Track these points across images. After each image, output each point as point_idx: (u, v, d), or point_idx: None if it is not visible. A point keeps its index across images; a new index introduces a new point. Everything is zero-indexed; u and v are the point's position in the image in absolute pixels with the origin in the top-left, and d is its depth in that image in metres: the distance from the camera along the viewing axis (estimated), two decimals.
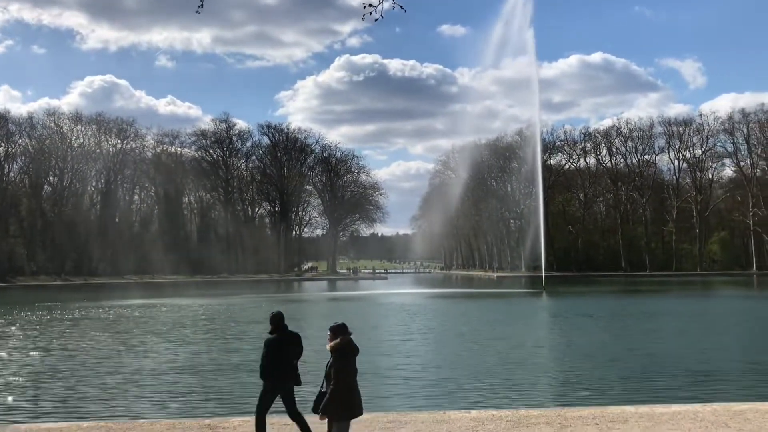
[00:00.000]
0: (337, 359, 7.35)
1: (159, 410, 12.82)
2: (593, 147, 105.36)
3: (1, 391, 14.71)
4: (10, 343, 23.35)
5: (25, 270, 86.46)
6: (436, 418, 10.67)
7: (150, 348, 21.69)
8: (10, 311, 37.83)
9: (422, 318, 31.90)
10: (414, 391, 14.42)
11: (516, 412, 11.14)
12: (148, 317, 33.71)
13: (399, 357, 19.27)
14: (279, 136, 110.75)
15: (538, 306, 41.32)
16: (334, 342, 7.43)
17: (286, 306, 42.20)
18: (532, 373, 16.63)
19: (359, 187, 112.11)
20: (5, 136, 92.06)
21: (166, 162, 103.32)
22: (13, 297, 54.73)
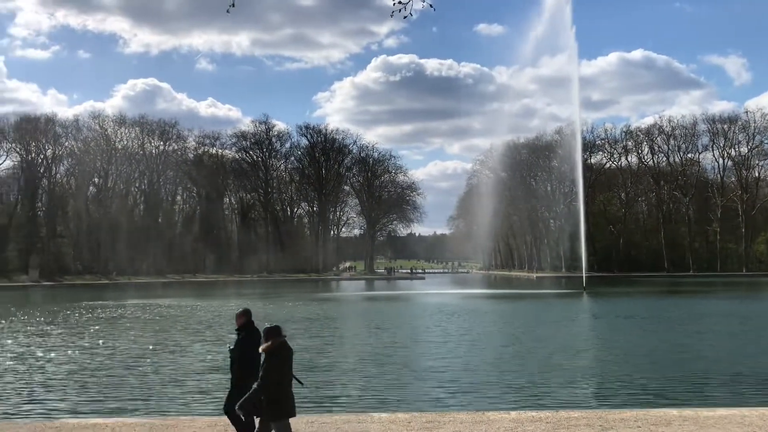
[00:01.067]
0: (268, 360, 7.43)
1: (198, 408, 13.04)
2: (635, 145, 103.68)
3: (47, 388, 15.13)
4: (57, 341, 23.98)
5: (71, 269, 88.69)
6: (475, 419, 10.64)
7: (189, 347, 22.05)
8: (59, 310, 38.86)
9: (460, 318, 31.78)
10: (453, 392, 14.39)
11: (556, 414, 11.05)
12: (195, 316, 34.27)
13: (438, 357, 19.25)
14: (317, 137, 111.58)
15: (579, 307, 40.80)
16: (266, 344, 7.49)
17: (324, 305, 42.50)
18: (572, 374, 16.44)
19: (396, 187, 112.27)
20: (52, 138, 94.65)
21: (207, 163, 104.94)
22: (63, 295, 56.18)
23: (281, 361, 7.45)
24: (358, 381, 15.63)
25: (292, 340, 22.51)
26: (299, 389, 8.18)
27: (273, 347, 7.42)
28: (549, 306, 40.78)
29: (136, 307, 40.72)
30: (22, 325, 29.67)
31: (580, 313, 36.72)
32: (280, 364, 7.43)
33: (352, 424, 10.26)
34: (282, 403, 7.43)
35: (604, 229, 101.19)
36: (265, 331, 7.56)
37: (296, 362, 17.79)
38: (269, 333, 7.50)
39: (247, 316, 8.30)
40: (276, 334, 7.49)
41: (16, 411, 12.81)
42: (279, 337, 7.48)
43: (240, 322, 8.34)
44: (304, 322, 30.20)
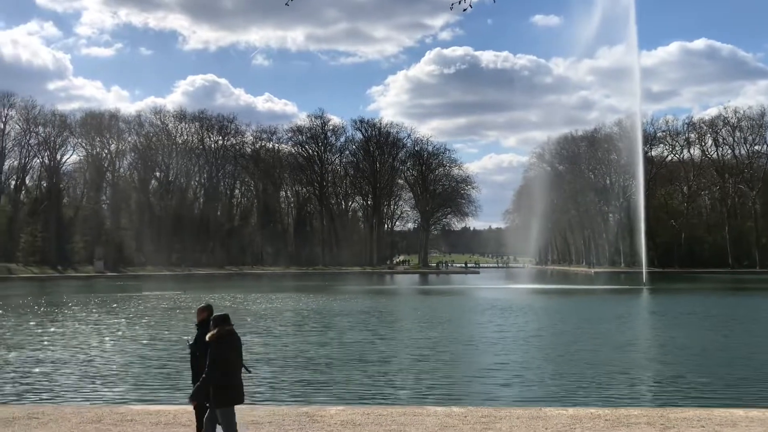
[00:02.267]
0: (214, 349, 7.48)
1: (263, 396, 13.30)
2: (698, 137, 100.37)
3: (110, 374, 15.67)
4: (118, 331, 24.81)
5: (134, 261, 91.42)
6: (532, 414, 10.53)
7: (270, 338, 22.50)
8: (127, 299, 40.18)
9: (517, 314, 31.47)
10: (509, 386, 14.28)
11: (615, 411, 10.84)
12: (270, 309, 34.93)
13: (494, 352, 19.13)
14: (372, 131, 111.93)
15: (639, 303, 39.88)
16: (212, 332, 7.57)
17: (378, 299, 42.71)
18: (632, 372, 16.11)
19: (451, 180, 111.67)
20: (116, 133, 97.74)
21: (264, 157, 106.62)
22: (130, 286, 58.00)
23: (228, 349, 7.53)
24: (414, 374, 15.66)
25: (348, 333, 22.79)
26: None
27: (220, 335, 7.53)
28: (608, 302, 39.96)
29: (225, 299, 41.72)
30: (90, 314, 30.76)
31: (641, 309, 35.89)
32: (227, 352, 7.51)
33: (408, 416, 10.30)
34: (228, 391, 7.51)
35: (665, 224, 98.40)
36: (213, 320, 7.70)
37: (355, 355, 18.01)
38: (216, 321, 7.64)
39: (209, 312, 8.30)
40: (223, 322, 7.60)
41: (84, 396, 13.32)
42: (226, 326, 7.58)
43: (201, 317, 8.39)
44: (359, 315, 30.43)
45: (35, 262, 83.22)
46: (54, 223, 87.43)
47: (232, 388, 7.57)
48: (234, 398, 7.62)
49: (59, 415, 10.45)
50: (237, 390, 7.63)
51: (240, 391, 7.68)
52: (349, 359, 17.61)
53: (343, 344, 20.60)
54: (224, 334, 7.56)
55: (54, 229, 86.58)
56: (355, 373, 15.71)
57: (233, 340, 7.67)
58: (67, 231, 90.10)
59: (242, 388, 7.72)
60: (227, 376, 7.50)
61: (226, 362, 7.50)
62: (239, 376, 7.68)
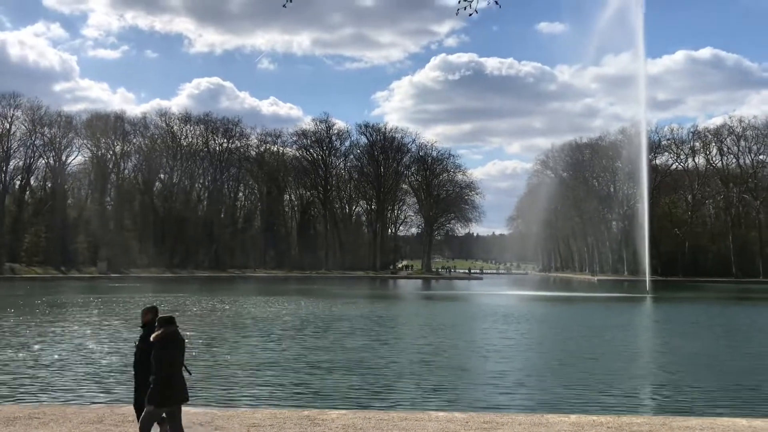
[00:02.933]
0: (158, 349, 7.68)
1: (263, 400, 13.29)
2: (702, 146, 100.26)
3: (110, 375, 15.67)
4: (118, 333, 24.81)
5: (137, 262, 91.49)
6: (533, 421, 10.50)
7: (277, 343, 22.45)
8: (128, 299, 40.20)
9: (519, 321, 31.40)
10: (511, 393, 14.23)
11: (618, 419, 10.80)
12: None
13: (496, 358, 19.08)
14: (376, 136, 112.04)
15: (642, 311, 39.77)
16: (157, 333, 7.77)
17: (380, 304, 42.65)
18: (635, 380, 16.06)
19: (455, 186, 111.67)
20: (121, 135, 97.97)
21: (268, 161, 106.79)
22: (132, 288, 58.07)
23: (172, 349, 7.73)
24: (416, 380, 15.63)
25: (350, 338, 22.73)
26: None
27: (164, 336, 7.71)
28: (611, 310, 39.86)
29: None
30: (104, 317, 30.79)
31: (644, 318, 35.80)
32: (171, 352, 7.71)
33: (410, 421, 10.27)
34: (170, 390, 7.71)
35: (669, 232, 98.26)
36: (158, 321, 7.89)
37: (357, 360, 17.96)
38: (161, 322, 7.83)
39: (153, 314, 8.42)
40: (167, 324, 7.81)
41: (85, 396, 13.32)
42: (170, 327, 7.79)
43: (146, 319, 8.51)
44: (361, 320, 30.40)
45: (39, 263, 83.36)
46: (58, 223, 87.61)
47: (174, 388, 7.75)
48: (173, 398, 7.80)
49: (60, 415, 10.45)
50: (179, 390, 7.82)
51: (182, 391, 7.86)
52: (350, 364, 17.59)
53: (345, 349, 20.57)
54: (168, 334, 7.76)
55: (58, 230, 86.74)
56: (356, 377, 15.68)
57: (177, 341, 7.86)
58: (71, 232, 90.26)
59: (185, 389, 7.91)
60: (170, 377, 7.69)
61: (171, 363, 7.70)
62: (181, 377, 7.87)
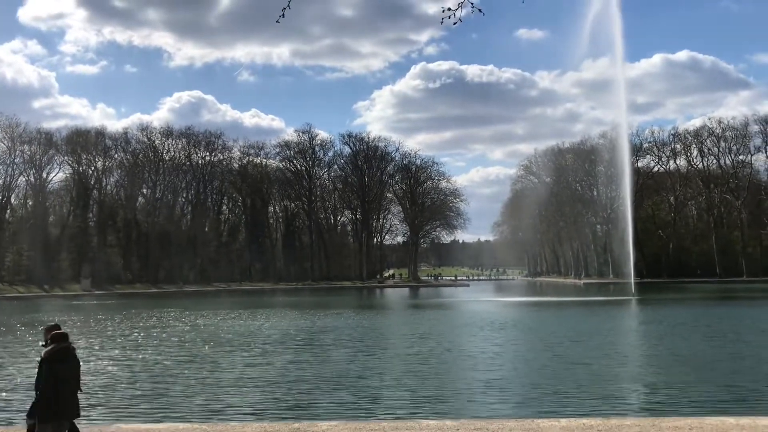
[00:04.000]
0: (47, 365, 7.85)
1: (252, 414, 13.19)
2: (683, 148, 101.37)
3: (113, 392, 15.49)
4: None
5: (121, 278, 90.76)
6: (524, 426, 10.50)
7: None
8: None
9: (506, 327, 31.45)
10: (501, 399, 14.24)
11: (607, 421, 10.83)
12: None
13: (485, 365, 19.08)
14: (360, 145, 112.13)
15: (627, 314, 39.99)
16: (47, 349, 7.96)
17: (367, 314, 42.57)
18: (623, 382, 16.12)
19: (439, 193, 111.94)
20: (102, 150, 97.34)
21: (252, 173, 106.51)
22: (128, 304, 57.50)
23: (58, 365, 7.88)
24: (406, 388, 15.59)
25: (338, 349, 22.61)
26: None
27: (53, 352, 7.94)
28: (597, 314, 40.03)
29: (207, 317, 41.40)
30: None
31: (629, 320, 36.00)
32: (57, 368, 7.86)
33: (401, 430, 10.24)
34: (57, 406, 7.85)
35: (652, 234, 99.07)
36: (51, 337, 8.08)
37: (346, 370, 17.86)
38: (53, 339, 8.05)
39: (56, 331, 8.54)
40: (59, 340, 8.02)
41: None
42: (60, 343, 7.99)
43: (48, 336, 8.54)
44: (348, 331, 30.31)
45: (21, 281, 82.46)
46: (40, 241, 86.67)
47: (60, 405, 7.88)
48: (60, 414, 7.92)
49: None
50: (66, 406, 7.96)
51: (70, 407, 8.00)
52: (339, 375, 17.51)
53: (333, 360, 20.48)
54: (59, 351, 7.95)
55: (40, 248, 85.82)
56: (345, 388, 15.61)
57: (67, 358, 8.02)
58: (54, 249, 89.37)
59: (74, 405, 8.06)
60: (57, 393, 7.82)
61: (58, 379, 7.84)
62: (71, 394, 7.99)
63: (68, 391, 7.92)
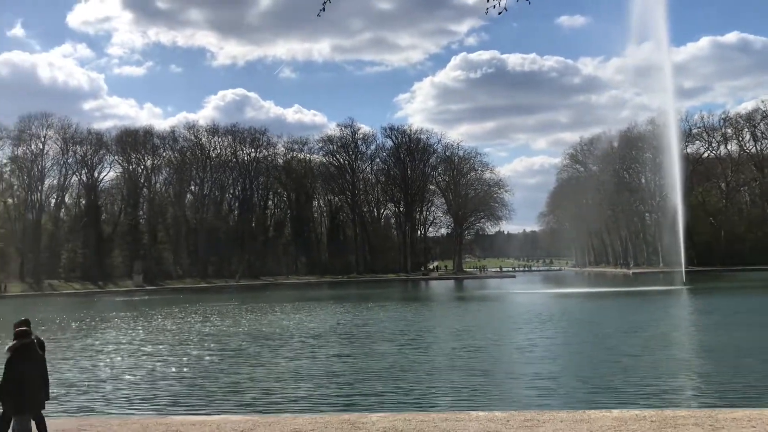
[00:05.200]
0: (10, 360, 8.24)
1: (302, 405, 13.37)
2: (735, 133, 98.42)
3: (152, 385, 15.89)
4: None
5: (172, 274, 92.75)
6: (575, 418, 10.40)
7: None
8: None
9: (556, 318, 31.13)
10: (551, 390, 14.12)
11: (661, 413, 10.65)
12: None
13: (536, 356, 18.94)
14: (402, 138, 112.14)
15: (679, 303, 39.12)
16: (10, 345, 8.37)
17: (415, 307, 42.61)
18: (677, 373, 15.80)
19: (483, 184, 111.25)
20: (151, 149, 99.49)
21: (296, 168, 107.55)
22: (183, 299, 58.75)
23: (21, 360, 8.25)
24: (455, 380, 15.59)
25: (388, 341, 22.60)
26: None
27: (15, 348, 8.34)
28: (648, 303, 39.26)
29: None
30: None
31: (681, 310, 35.21)
32: (21, 363, 8.23)
33: (451, 422, 10.25)
34: (20, 398, 8.21)
35: (703, 222, 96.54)
36: (15, 333, 8.52)
37: (396, 362, 17.89)
38: (17, 335, 8.48)
39: (26, 325, 8.86)
40: (21, 336, 8.45)
41: (126, 407, 13.54)
42: (23, 339, 8.40)
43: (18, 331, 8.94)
44: (397, 323, 30.42)
45: (76, 278, 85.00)
46: (93, 239, 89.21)
47: (24, 397, 8.23)
48: (23, 406, 8.28)
49: (106, 427, 10.63)
50: (29, 400, 8.23)
51: (33, 401, 8.35)
52: (388, 368, 17.59)
53: (381, 353, 20.58)
54: (20, 347, 8.35)
55: (94, 246, 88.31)
56: (396, 380, 15.69)
57: (29, 353, 8.38)
58: (107, 247, 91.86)
59: (36, 399, 8.39)
60: (20, 386, 8.19)
61: (21, 373, 8.21)
62: (34, 387, 8.34)
63: (32, 384, 8.33)
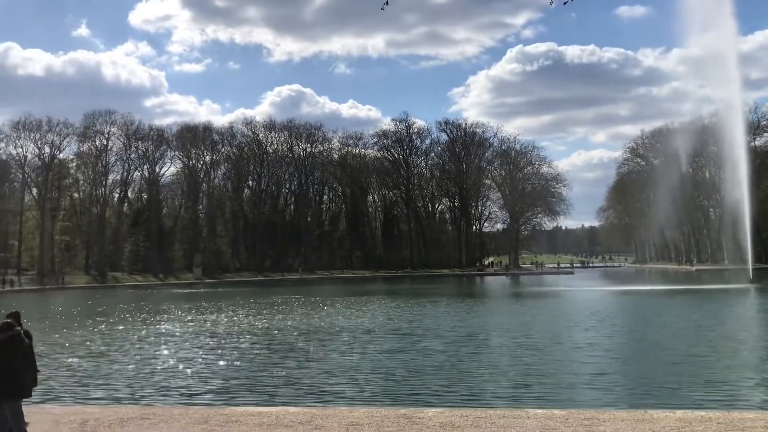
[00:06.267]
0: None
1: (357, 397, 13.44)
2: None
3: (213, 376, 16.21)
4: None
5: (230, 267, 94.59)
6: (637, 417, 10.14)
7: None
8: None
9: (618, 316, 30.48)
10: (613, 389, 13.81)
11: (728, 414, 10.28)
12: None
13: (597, 354, 18.56)
14: (457, 132, 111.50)
15: (747, 302, 37.76)
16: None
17: (472, 302, 42.33)
18: (744, 375, 15.25)
19: (540, 179, 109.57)
20: (210, 145, 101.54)
21: (351, 163, 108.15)
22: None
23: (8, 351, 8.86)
24: (514, 377, 15.42)
25: (444, 339, 22.49)
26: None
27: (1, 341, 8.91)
28: (714, 302, 37.97)
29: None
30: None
31: (749, 309, 33.98)
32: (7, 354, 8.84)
33: (508, 419, 10.13)
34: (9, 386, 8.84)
35: None
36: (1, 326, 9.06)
37: (455, 358, 17.75)
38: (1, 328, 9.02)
39: (14, 318, 9.31)
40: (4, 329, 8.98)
41: (192, 397, 13.85)
42: (4, 333, 8.93)
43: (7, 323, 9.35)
44: (454, 319, 30.28)
45: (138, 271, 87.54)
46: (155, 233, 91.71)
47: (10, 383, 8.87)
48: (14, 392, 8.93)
49: (168, 416, 10.90)
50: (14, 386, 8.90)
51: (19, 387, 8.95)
52: (446, 364, 17.52)
53: (439, 349, 20.51)
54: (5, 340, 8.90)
55: (155, 239, 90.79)
56: (454, 376, 15.62)
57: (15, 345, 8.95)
58: (167, 240, 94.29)
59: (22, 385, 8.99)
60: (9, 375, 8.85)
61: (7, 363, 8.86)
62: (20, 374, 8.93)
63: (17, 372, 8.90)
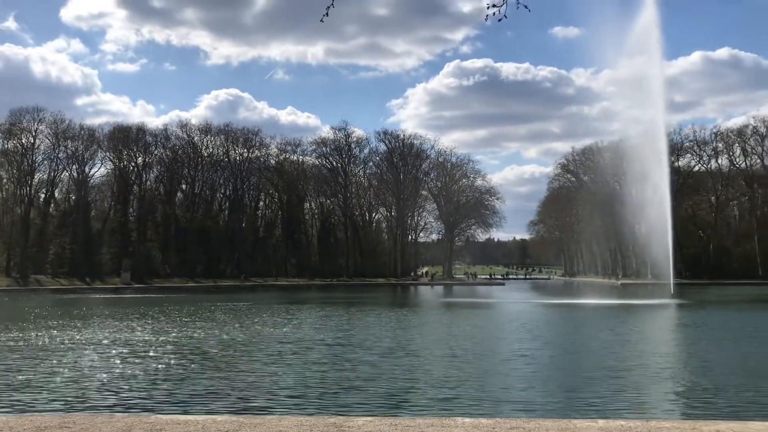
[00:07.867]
0: None
1: (290, 407, 13.33)
2: (725, 147, 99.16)
3: (136, 383, 15.80)
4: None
5: (160, 272, 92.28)
6: (561, 426, 10.40)
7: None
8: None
9: (543, 327, 31.21)
10: (538, 399, 14.14)
11: (647, 423, 10.66)
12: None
13: (522, 365, 18.95)
14: (395, 143, 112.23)
15: (667, 316, 39.30)
16: None
17: (404, 312, 42.59)
18: (662, 384, 15.87)
19: (474, 191, 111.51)
20: (143, 147, 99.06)
21: (288, 169, 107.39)
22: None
23: None
24: (441, 386, 15.58)
25: (376, 346, 22.49)
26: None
27: None
28: (635, 315, 39.42)
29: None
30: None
31: (669, 322, 35.38)
32: None
33: (436, 427, 10.22)
34: None
35: (692, 235, 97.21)
36: None
37: (384, 367, 17.78)
38: None
39: None
40: None
41: (118, 404, 13.45)
42: None
43: None
44: (387, 328, 30.37)
45: (64, 274, 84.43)
46: (82, 235, 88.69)
47: None
48: None
49: (90, 424, 10.54)
50: None
51: None
52: (378, 371, 17.57)
53: (373, 357, 20.56)
54: None
55: (82, 242, 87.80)
56: (383, 384, 15.68)
57: None
58: (95, 243, 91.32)
59: None
60: None
61: None
62: None
63: None
